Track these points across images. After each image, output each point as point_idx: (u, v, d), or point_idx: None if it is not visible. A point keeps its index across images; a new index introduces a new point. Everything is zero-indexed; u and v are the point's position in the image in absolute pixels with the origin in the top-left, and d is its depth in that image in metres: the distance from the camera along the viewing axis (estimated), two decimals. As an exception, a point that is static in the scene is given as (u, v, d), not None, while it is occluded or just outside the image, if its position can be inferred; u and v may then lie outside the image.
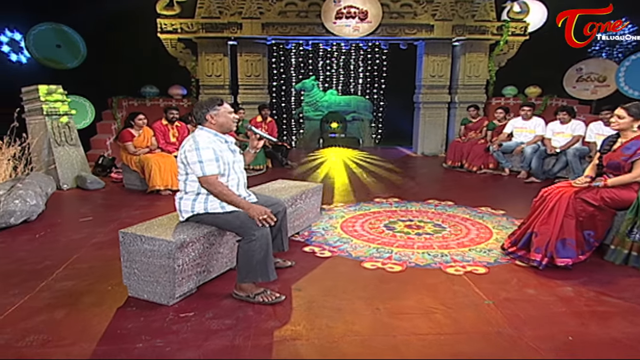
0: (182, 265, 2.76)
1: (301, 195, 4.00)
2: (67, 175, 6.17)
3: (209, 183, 2.84)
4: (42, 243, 3.95)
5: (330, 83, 12.58)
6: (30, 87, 6.18)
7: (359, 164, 8.48)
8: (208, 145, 2.86)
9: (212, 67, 9.21)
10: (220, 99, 3.07)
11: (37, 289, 3.01)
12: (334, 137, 11.21)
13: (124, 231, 2.84)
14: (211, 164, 2.84)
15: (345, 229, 4.36)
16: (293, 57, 12.21)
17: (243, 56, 9.40)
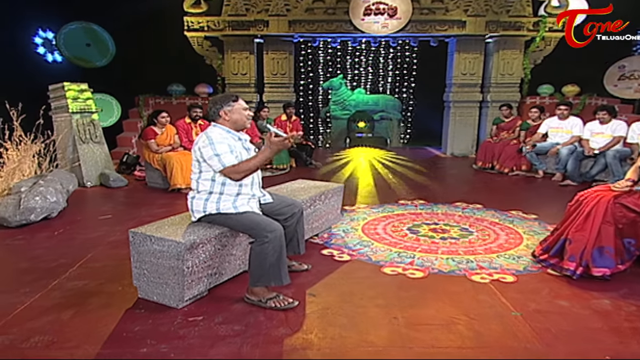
0: (192, 267, 2.68)
1: (320, 195, 3.88)
2: (90, 173, 6.24)
3: (231, 172, 2.76)
4: (59, 240, 3.96)
5: (358, 82, 12.40)
6: (57, 85, 6.27)
7: (385, 164, 8.30)
8: (222, 140, 2.79)
9: (238, 65, 9.20)
10: (236, 95, 2.99)
11: (49, 287, 2.99)
12: (361, 137, 11.05)
13: (134, 231, 2.79)
14: (228, 156, 2.76)
15: (366, 232, 4.21)
16: (321, 56, 12.10)
17: (269, 54, 9.36)
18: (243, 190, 2.91)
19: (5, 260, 3.58)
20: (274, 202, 3.14)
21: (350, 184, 6.47)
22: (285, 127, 7.89)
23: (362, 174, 7.26)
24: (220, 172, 2.78)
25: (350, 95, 11.89)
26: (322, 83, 12.08)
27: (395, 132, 11.68)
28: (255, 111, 7.79)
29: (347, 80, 12.18)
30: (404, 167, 8.04)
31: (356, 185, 6.36)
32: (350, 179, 6.82)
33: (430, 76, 10.63)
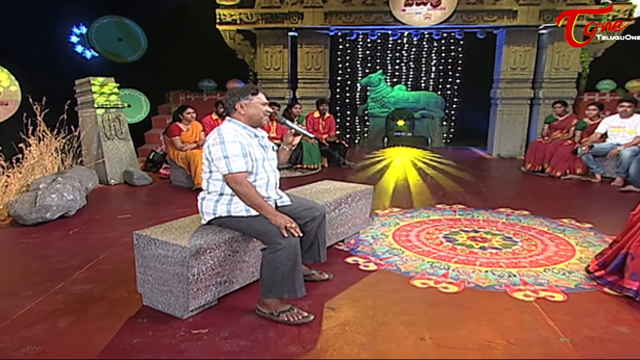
0: (198, 274, 2.54)
1: (347, 198, 3.67)
2: (115, 170, 6.27)
3: (236, 181, 2.59)
4: (73, 240, 3.93)
5: (398, 77, 12.11)
6: (83, 80, 6.34)
7: (424, 165, 8.00)
8: (234, 139, 2.62)
9: (271, 60, 9.11)
10: (256, 88, 2.82)
11: (52, 291, 2.92)
12: (399, 136, 10.76)
13: (138, 233, 2.67)
14: (238, 160, 2.59)
15: (397, 239, 3.97)
16: (359, 50, 11.89)
17: (303, 48, 9.23)
18: (259, 191, 2.74)
19: (17, 259, 3.57)
20: (293, 205, 2.96)
21: (385, 185, 6.24)
22: (318, 125, 7.73)
23: (398, 176, 7.00)
24: (225, 176, 2.62)
25: (389, 92, 11.64)
26: (360, 79, 11.88)
27: (437, 131, 11.31)
28: (287, 108, 7.66)
29: (387, 76, 11.92)
30: (444, 168, 7.71)
31: (391, 188, 6.11)
32: (385, 181, 6.58)
33: (476, 71, 10.22)
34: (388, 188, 6.09)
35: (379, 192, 5.77)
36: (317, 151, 7.32)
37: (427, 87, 11.99)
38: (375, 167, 7.82)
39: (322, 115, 7.77)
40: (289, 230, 2.56)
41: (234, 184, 2.61)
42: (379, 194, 5.70)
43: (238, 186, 2.60)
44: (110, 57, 9.11)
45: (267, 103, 2.83)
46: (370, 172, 7.32)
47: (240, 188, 2.60)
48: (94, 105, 6.21)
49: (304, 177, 6.74)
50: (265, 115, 2.81)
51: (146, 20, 9.28)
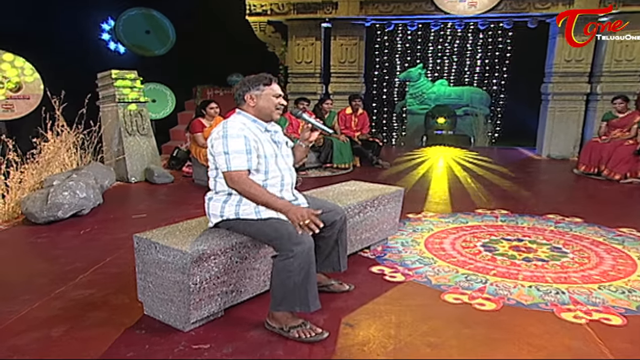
0: (201, 283, 2.39)
1: (373, 201, 3.46)
2: (135, 167, 6.26)
3: (233, 180, 2.44)
4: (83, 241, 3.88)
5: (439, 72, 11.78)
6: (105, 73, 6.36)
7: (465, 166, 7.68)
8: (239, 133, 2.47)
9: (303, 53, 8.97)
10: (270, 77, 2.66)
11: (52, 295, 2.84)
12: (440, 135, 10.46)
13: (139, 236, 2.55)
14: (239, 157, 2.44)
15: (429, 246, 3.74)
16: (398, 42, 11.62)
17: (337, 40, 9.04)
18: (271, 191, 2.57)
19: (23, 260, 3.53)
20: (310, 207, 2.77)
21: (420, 187, 5.99)
22: (350, 122, 7.53)
23: (435, 177, 6.74)
24: (223, 174, 2.47)
25: (430, 87, 11.36)
26: (399, 74, 11.63)
27: (481, 129, 10.91)
28: (318, 103, 7.50)
29: (427, 70, 11.61)
30: (487, 170, 7.37)
31: (427, 190, 5.86)
32: (421, 182, 6.34)
33: (526, 65, 9.78)
34: (424, 190, 5.84)
35: (414, 195, 5.53)
36: (348, 150, 7.13)
37: (471, 82, 11.61)
38: (411, 167, 7.57)
39: (355, 112, 7.56)
40: (304, 227, 2.37)
41: (231, 183, 2.46)
42: (413, 196, 5.46)
43: (236, 185, 2.45)
44: (138, 50, 9.18)
45: (281, 95, 2.66)
46: (406, 172, 7.08)
47: (238, 187, 2.45)
48: (115, 100, 6.21)
49: (333, 177, 6.56)
50: (278, 108, 2.64)
51: (175, 12, 9.32)
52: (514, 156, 9.08)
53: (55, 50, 7.63)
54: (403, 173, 7.04)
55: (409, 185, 6.06)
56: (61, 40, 7.88)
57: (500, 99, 11.45)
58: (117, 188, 5.91)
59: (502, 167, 7.65)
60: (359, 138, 7.42)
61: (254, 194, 2.45)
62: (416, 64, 11.34)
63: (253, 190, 2.45)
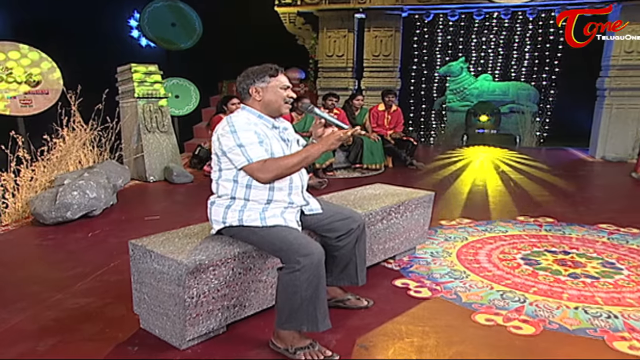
0: (198, 296, 2.25)
1: (399, 206, 3.26)
2: (154, 166, 6.22)
3: (261, 170, 2.28)
4: (90, 244, 3.83)
5: (483, 66, 11.41)
6: (124, 67, 6.35)
7: (509, 168, 7.35)
8: (248, 128, 2.32)
9: (334, 46, 8.81)
10: (277, 68, 2.50)
11: (47, 303, 2.77)
12: (481, 133, 10.16)
13: (134, 242, 2.44)
14: (255, 147, 2.30)
15: (462, 258, 3.50)
16: (438, 34, 11.30)
17: (371, 32, 8.85)
18: (276, 196, 2.42)
19: (24, 263, 3.49)
20: (324, 213, 2.61)
21: (456, 191, 5.75)
22: (383, 119, 7.31)
23: (475, 180, 6.46)
24: (244, 169, 2.32)
25: (472, 83, 11.06)
26: (438, 68, 11.34)
27: (528, 128, 10.51)
28: (348, 99, 7.32)
29: (470, 64, 11.26)
30: (533, 173, 7.03)
31: (464, 193, 5.61)
32: (458, 185, 6.08)
33: (580, 57, 9.30)
34: (461, 194, 5.58)
35: (449, 198, 5.29)
36: (379, 149, 6.94)
37: (518, 76, 11.20)
38: (449, 168, 7.31)
39: (388, 108, 7.34)
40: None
41: (261, 173, 2.29)
42: (448, 200, 5.22)
43: (267, 172, 2.28)
44: (162, 44, 9.19)
45: (289, 87, 2.50)
46: (442, 174, 6.83)
47: (270, 172, 2.28)
48: (134, 95, 6.19)
49: (362, 178, 6.39)
50: (287, 102, 2.48)
51: (202, 3, 9.30)
52: (564, 158, 8.66)
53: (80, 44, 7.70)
54: (439, 175, 6.80)
55: (445, 189, 5.82)
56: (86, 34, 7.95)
57: (549, 95, 10.98)
58: (134, 187, 5.88)
59: (550, 169, 7.29)
60: (391, 137, 7.20)
61: (288, 167, 2.31)
62: (457, 58, 11.06)
63: (282, 164, 2.30)
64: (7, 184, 4.38)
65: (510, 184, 6.18)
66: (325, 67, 8.87)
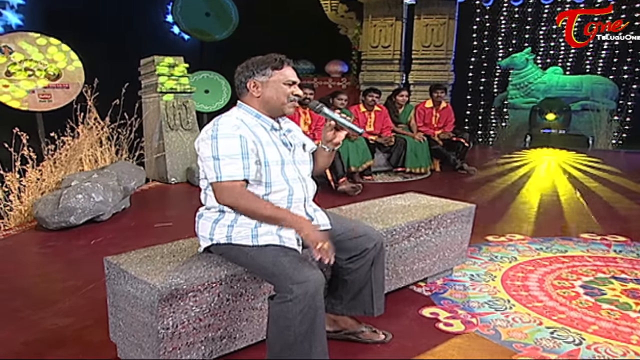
0: (175, 327, 2.04)
1: (430, 221, 2.96)
2: (176, 167, 6.13)
3: (224, 194, 2.08)
4: (89, 253, 3.73)
5: (553, 57, 10.82)
6: (147, 59, 6.30)
7: (577, 175, 6.89)
8: (232, 133, 2.09)
9: (380, 35, 8.55)
10: (282, 58, 2.27)
11: (24, 323, 2.65)
12: (547, 134, 9.76)
13: (110, 259, 2.26)
14: (232, 163, 2.06)
15: (508, 283, 3.16)
16: (501, 21, 10.80)
17: (422, 19, 8.54)
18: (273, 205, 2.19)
19: (14, 274, 3.38)
20: (334, 230, 2.35)
21: (510, 200, 5.41)
22: (430, 117, 6.97)
23: (534, 187, 6.10)
24: (212, 187, 2.11)
25: (539, 77, 10.62)
26: (500, 60, 10.87)
27: (604, 128, 9.97)
28: (391, 95, 7.02)
29: (537, 55, 10.73)
30: (606, 180, 6.56)
31: (519, 204, 5.25)
32: (513, 193, 5.74)
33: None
34: (516, 203, 5.23)
35: (500, 210, 4.95)
36: (425, 151, 6.64)
37: (594, 69, 10.56)
38: (505, 174, 6.95)
39: (437, 105, 6.98)
40: (322, 253, 1.99)
41: (222, 198, 2.09)
42: (499, 211, 4.89)
43: (229, 200, 2.08)
44: (196, 35, 9.19)
45: (296, 82, 2.26)
46: (497, 180, 6.49)
47: (232, 202, 2.09)
48: (157, 90, 6.13)
49: (404, 183, 6.11)
50: (291, 100, 2.24)
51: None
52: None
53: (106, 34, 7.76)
54: (492, 181, 6.47)
55: (497, 197, 5.52)
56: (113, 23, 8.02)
57: (631, 91, 10.29)
58: (154, 189, 5.82)
59: (627, 177, 6.78)
60: (440, 137, 6.84)
61: (253, 210, 2.08)
62: (522, 48, 10.57)
63: (252, 204, 2.08)
64: (12, 185, 4.35)
65: (577, 193, 5.72)
66: (369, 60, 8.62)
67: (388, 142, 6.38)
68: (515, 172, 7.06)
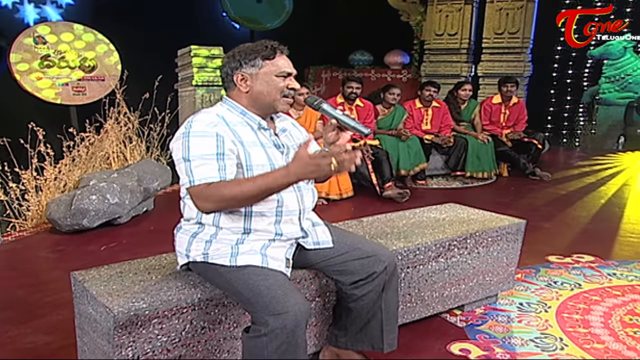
0: (137, 358, 1.89)
1: (465, 239, 2.68)
2: (210, 166, 6.08)
3: (200, 198, 1.88)
4: (94, 260, 3.66)
5: (658, 45, 10.06)
6: (184, 49, 6.29)
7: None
8: (207, 130, 1.92)
9: (446, 22, 8.22)
10: (274, 46, 2.07)
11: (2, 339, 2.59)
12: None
13: (76, 275, 2.16)
14: (206, 164, 1.88)
15: (564, 316, 2.82)
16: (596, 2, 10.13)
17: (495, 3, 8.16)
18: (256, 224, 1.99)
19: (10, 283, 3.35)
20: (336, 249, 2.15)
21: (586, 212, 5.04)
22: (498, 115, 6.57)
23: (620, 199, 5.66)
24: (188, 191, 1.92)
25: (638, 68, 9.76)
26: (592, 49, 10.17)
27: None
28: (452, 89, 6.66)
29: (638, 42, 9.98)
30: None
31: (596, 219, 4.85)
32: (589, 204, 5.38)
33: None
34: (594, 219, 4.84)
35: (572, 225, 4.61)
36: (489, 153, 6.28)
37: None
38: (586, 180, 6.57)
39: (506, 101, 6.56)
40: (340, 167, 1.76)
41: (201, 204, 1.89)
42: (569, 225, 4.57)
43: (207, 203, 1.87)
44: (246, 23, 9.16)
45: (291, 74, 2.05)
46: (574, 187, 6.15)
47: (211, 204, 1.88)
48: (193, 83, 6.10)
49: (463, 189, 5.80)
50: (285, 94, 2.04)
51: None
52: None
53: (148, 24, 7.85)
54: (568, 188, 6.09)
55: (571, 210, 5.11)
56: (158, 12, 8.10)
57: None
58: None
59: None
60: (508, 137, 6.42)
61: (241, 195, 1.84)
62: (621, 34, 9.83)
63: (237, 190, 1.84)
64: (29, 183, 4.40)
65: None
66: (432, 49, 8.31)
67: (446, 142, 6.06)
68: (601, 180, 6.57)
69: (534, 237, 4.12)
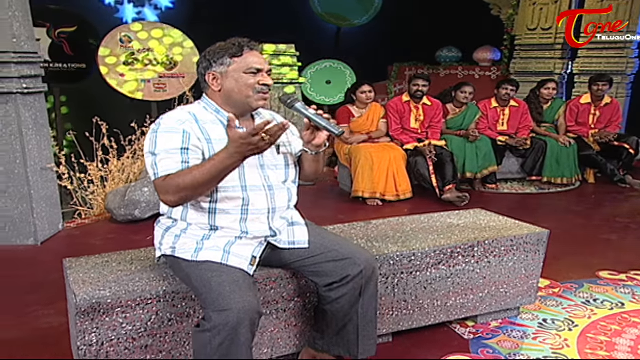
0: (101, 344, 2.00)
1: (471, 247, 2.57)
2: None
3: (164, 190, 1.95)
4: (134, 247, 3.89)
5: None
6: (257, 45, 6.44)
7: None
8: (175, 127, 2.00)
9: (540, 15, 7.78)
10: (242, 42, 2.08)
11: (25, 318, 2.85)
12: None
13: (67, 262, 2.36)
14: (170, 158, 1.95)
15: (588, 338, 2.63)
16: None
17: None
18: (221, 220, 2.06)
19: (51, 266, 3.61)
20: (311, 249, 2.17)
21: None
22: (586, 116, 6.13)
23: None
24: (154, 184, 2.01)
25: None
26: None
27: None
28: (534, 88, 6.32)
29: None
30: None
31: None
32: None
33: None
34: None
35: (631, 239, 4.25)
36: (571, 157, 5.87)
37: None
38: None
39: (597, 101, 6.10)
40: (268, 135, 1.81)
41: (165, 197, 1.96)
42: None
43: (169, 195, 1.94)
44: (333, 20, 9.22)
45: (262, 70, 2.08)
46: None
47: (173, 196, 1.93)
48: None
49: (538, 195, 5.53)
50: (258, 91, 2.07)
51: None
52: None
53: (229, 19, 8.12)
54: None
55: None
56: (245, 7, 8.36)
57: None
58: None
59: None
60: (595, 139, 5.98)
61: (195, 181, 1.88)
62: None
63: (189, 178, 1.88)
64: (94, 175, 4.74)
65: None
66: (524, 45, 7.88)
67: (521, 144, 5.73)
68: None
69: (590, 250, 3.87)
